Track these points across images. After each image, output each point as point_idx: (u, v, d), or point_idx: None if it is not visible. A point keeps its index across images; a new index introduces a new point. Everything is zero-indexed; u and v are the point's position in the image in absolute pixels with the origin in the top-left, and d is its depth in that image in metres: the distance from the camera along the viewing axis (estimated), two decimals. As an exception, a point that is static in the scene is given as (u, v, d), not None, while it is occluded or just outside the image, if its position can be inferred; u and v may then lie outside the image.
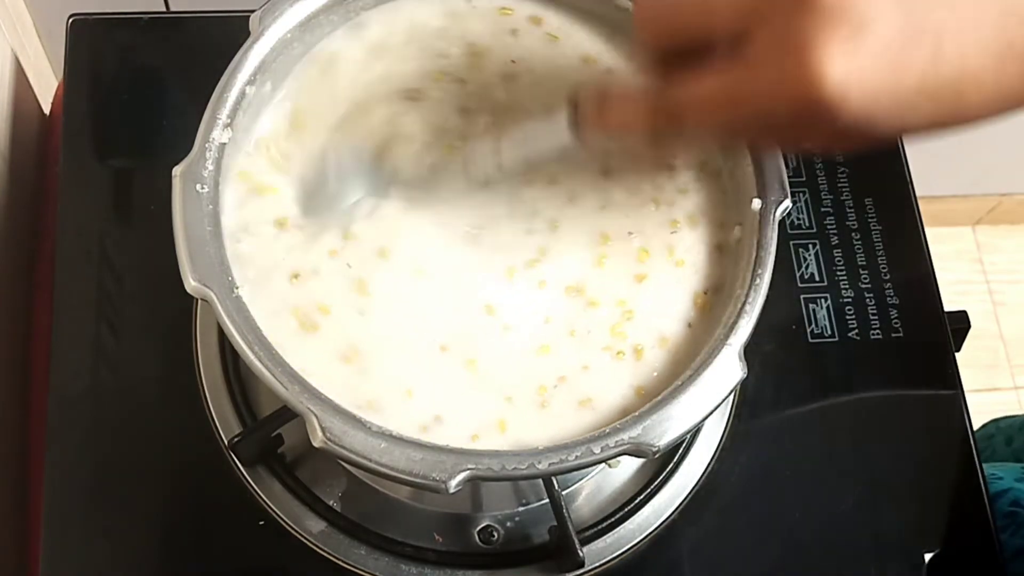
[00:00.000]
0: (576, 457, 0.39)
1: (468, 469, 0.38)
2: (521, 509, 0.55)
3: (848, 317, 0.61)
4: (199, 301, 0.40)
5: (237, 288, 0.40)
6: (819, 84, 0.32)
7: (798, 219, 0.63)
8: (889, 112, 0.33)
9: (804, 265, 0.62)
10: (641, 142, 0.42)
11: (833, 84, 0.32)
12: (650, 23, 0.37)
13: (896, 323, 0.61)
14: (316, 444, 0.38)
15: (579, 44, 0.49)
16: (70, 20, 0.63)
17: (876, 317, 0.61)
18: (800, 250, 0.62)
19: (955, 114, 0.34)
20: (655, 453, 0.39)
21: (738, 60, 0.34)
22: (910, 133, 0.35)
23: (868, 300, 0.61)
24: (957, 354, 0.61)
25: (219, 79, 0.44)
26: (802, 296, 0.61)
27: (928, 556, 0.56)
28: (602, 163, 0.47)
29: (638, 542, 0.55)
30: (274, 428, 0.52)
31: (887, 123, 0.34)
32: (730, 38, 0.35)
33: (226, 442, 0.54)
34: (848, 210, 0.63)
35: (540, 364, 0.43)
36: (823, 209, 0.63)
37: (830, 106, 0.33)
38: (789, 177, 0.45)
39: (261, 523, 0.53)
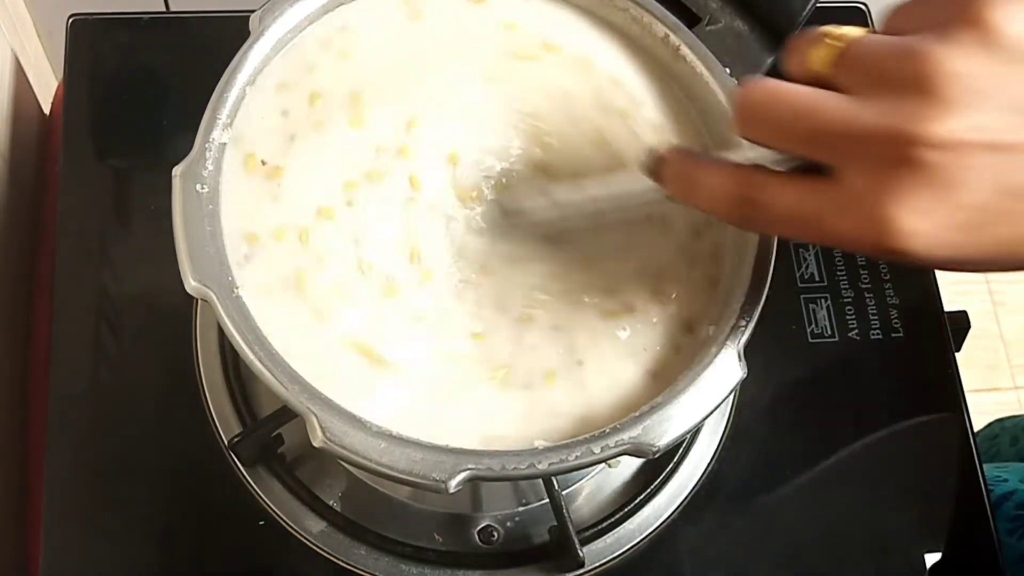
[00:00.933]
0: (576, 457, 0.39)
1: (468, 469, 0.38)
2: (521, 509, 0.55)
3: (848, 317, 0.61)
4: (199, 301, 0.40)
5: (237, 288, 0.40)
6: (889, 235, 0.33)
7: (798, 219, 0.63)
8: (960, 265, 0.35)
9: (804, 265, 0.62)
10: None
11: (903, 238, 0.33)
12: (751, 123, 0.37)
13: (896, 323, 0.61)
14: (316, 444, 0.38)
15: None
16: (70, 20, 0.63)
17: (876, 317, 0.61)
18: (800, 250, 0.62)
19: None
20: (655, 453, 0.39)
21: (823, 188, 0.35)
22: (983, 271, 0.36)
23: (868, 300, 0.61)
24: (957, 354, 0.61)
25: (219, 79, 0.44)
26: (802, 296, 0.61)
27: (928, 557, 0.56)
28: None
29: (638, 542, 0.55)
30: (274, 428, 0.52)
31: (957, 269, 0.35)
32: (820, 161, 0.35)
33: (226, 442, 0.54)
34: (848, 210, 0.63)
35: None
36: (823, 209, 0.63)
37: (896, 252, 0.34)
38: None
39: (261, 523, 0.53)
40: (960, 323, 0.62)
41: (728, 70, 0.47)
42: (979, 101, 0.32)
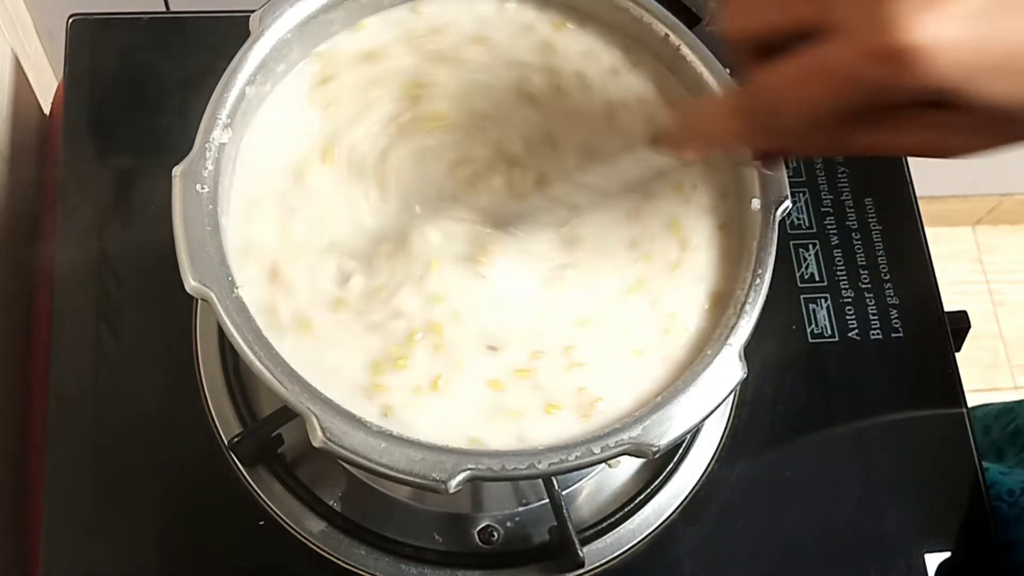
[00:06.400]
0: (576, 457, 0.39)
1: (468, 469, 0.38)
2: (521, 509, 0.55)
3: (848, 317, 0.61)
4: (199, 301, 0.40)
5: (237, 288, 0.40)
6: (908, 45, 0.31)
7: (798, 219, 0.63)
8: (982, 77, 0.32)
9: (804, 265, 0.62)
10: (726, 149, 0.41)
11: (922, 45, 0.31)
12: (739, 10, 0.36)
13: (896, 323, 0.61)
14: (316, 444, 0.38)
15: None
16: (70, 20, 0.63)
17: (876, 317, 0.61)
18: (800, 250, 0.62)
19: None
20: (655, 453, 0.39)
21: (822, 37, 0.33)
22: (1008, 107, 0.33)
23: (868, 300, 0.61)
24: (957, 354, 0.61)
25: (219, 79, 0.44)
26: (802, 296, 0.61)
27: (928, 556, 0.56)
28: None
29: (638, 542, 0.55)
30: (274, 428, 0.52)
31: (983, 90, 0.33)
32: (813, 24, 0.34)
33: (226, 442, 0.54)
34: (848, 210, 0.63)
35: None
36: (823, 209, 0.63)
37: (919, 66, 0.31)
38: (789, 177, 0.45)
39: (261, 523, 0.53)
40: (960, 323, 0.62)
41: (728, 70, 0.47)
42: None
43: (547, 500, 0.53)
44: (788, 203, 0.44)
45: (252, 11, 0.45)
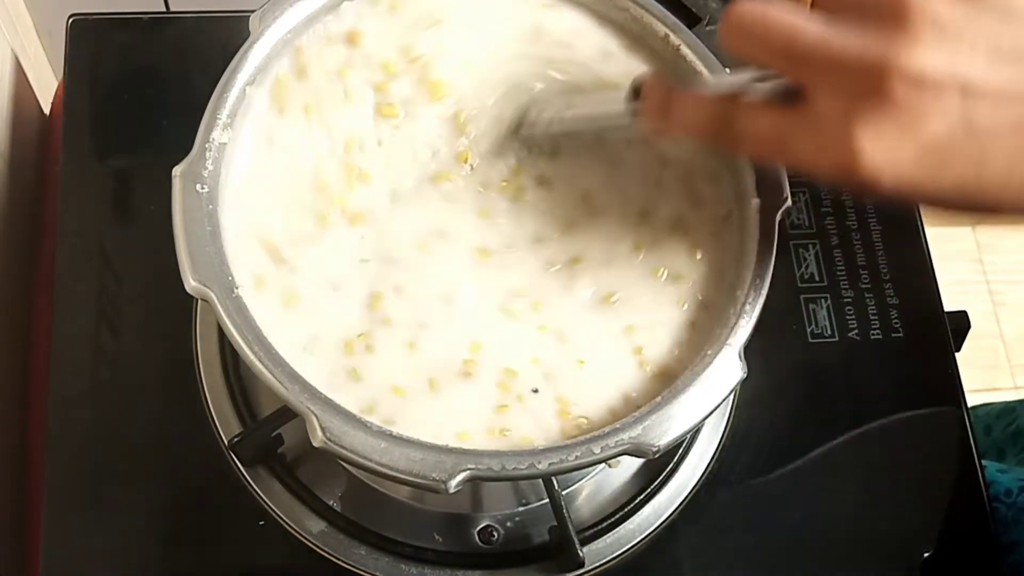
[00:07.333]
0: (576, 457, 0.39)
1: (468, 469, 0.38)
2: (521, 509, 0.55)
3: (848, 317, 0.61)
4: (199, 301, 0.40)
5: (237, 288, 0.40)
6: (857, 164, 0.34)
7: (798, 219, 0.63)
8: (924, 198, 0.36)
9: (804, 265, 0.62)
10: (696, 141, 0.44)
11: (870, 168, 0.34)
12: (736, 35, 0.37)
13: (896, 323, 0.61)
14: (316, 444, 0.38)
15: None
16: (70, 20, 0.63)
17: (876, 317, 0.61)
18: (800, 250, 0.62)
19: (995, 208, 0.36)
20: (655, 453, 0.39)
21: (797, 110, 0.36)
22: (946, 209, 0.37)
23: (868, 300, 0.61)
24: (957, 354, 0.61)
25: (219, 79, 0.44)
26: (802, 296, 0.61)
27: (928, 556, 0.56)
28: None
29: (638, 542, 0.55)
30: (274, 428, 0.52)
31: (922, 202, 0.37)
32: (795, 81, 0.36)
33: (226, 442, 0.54)
34: (848, 210, 0.63)
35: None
36: (823, 209, 0.63)
37: (863, 183, 0.35)
38: (789, 177, 0.45)
39: (261, 523, 0.53)
40: (960, 323, 0.62)
41: (728, 70, 0.47)
42: (954, 42, 0.33)
43: (547, 500, 0.53)
44: (788, 203, 0.44)
45: (252, 11, 0.45)
